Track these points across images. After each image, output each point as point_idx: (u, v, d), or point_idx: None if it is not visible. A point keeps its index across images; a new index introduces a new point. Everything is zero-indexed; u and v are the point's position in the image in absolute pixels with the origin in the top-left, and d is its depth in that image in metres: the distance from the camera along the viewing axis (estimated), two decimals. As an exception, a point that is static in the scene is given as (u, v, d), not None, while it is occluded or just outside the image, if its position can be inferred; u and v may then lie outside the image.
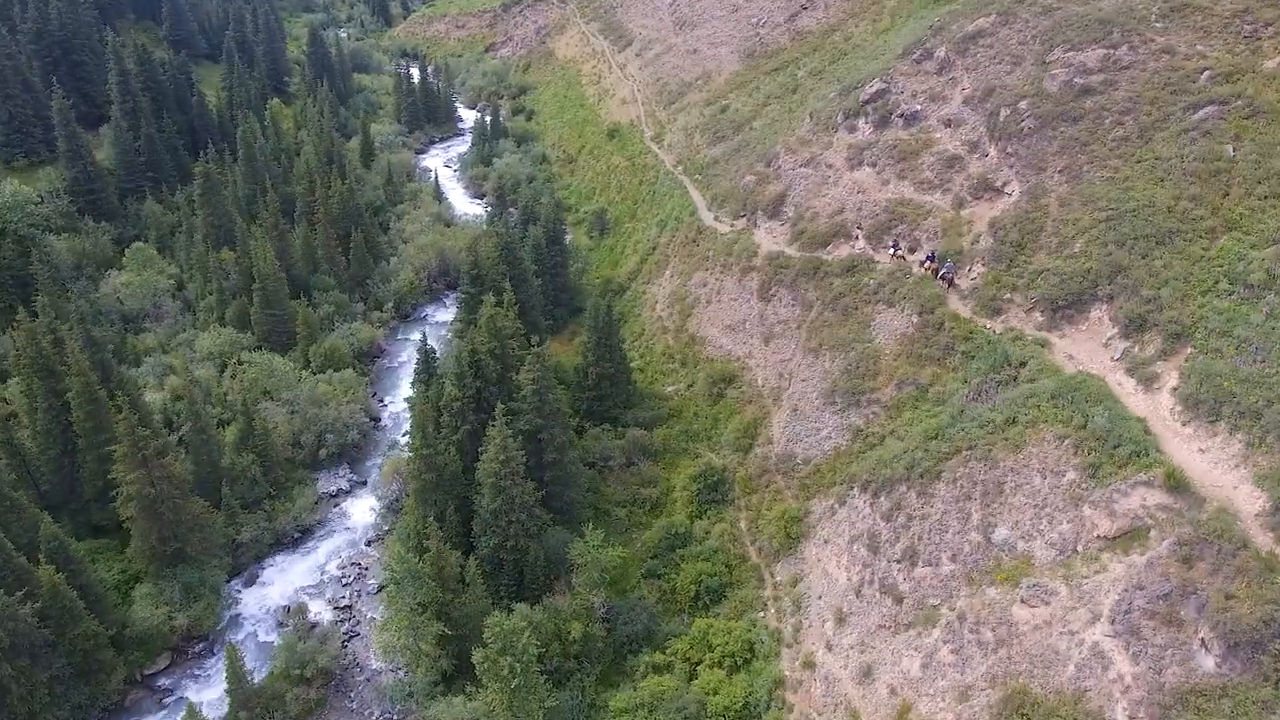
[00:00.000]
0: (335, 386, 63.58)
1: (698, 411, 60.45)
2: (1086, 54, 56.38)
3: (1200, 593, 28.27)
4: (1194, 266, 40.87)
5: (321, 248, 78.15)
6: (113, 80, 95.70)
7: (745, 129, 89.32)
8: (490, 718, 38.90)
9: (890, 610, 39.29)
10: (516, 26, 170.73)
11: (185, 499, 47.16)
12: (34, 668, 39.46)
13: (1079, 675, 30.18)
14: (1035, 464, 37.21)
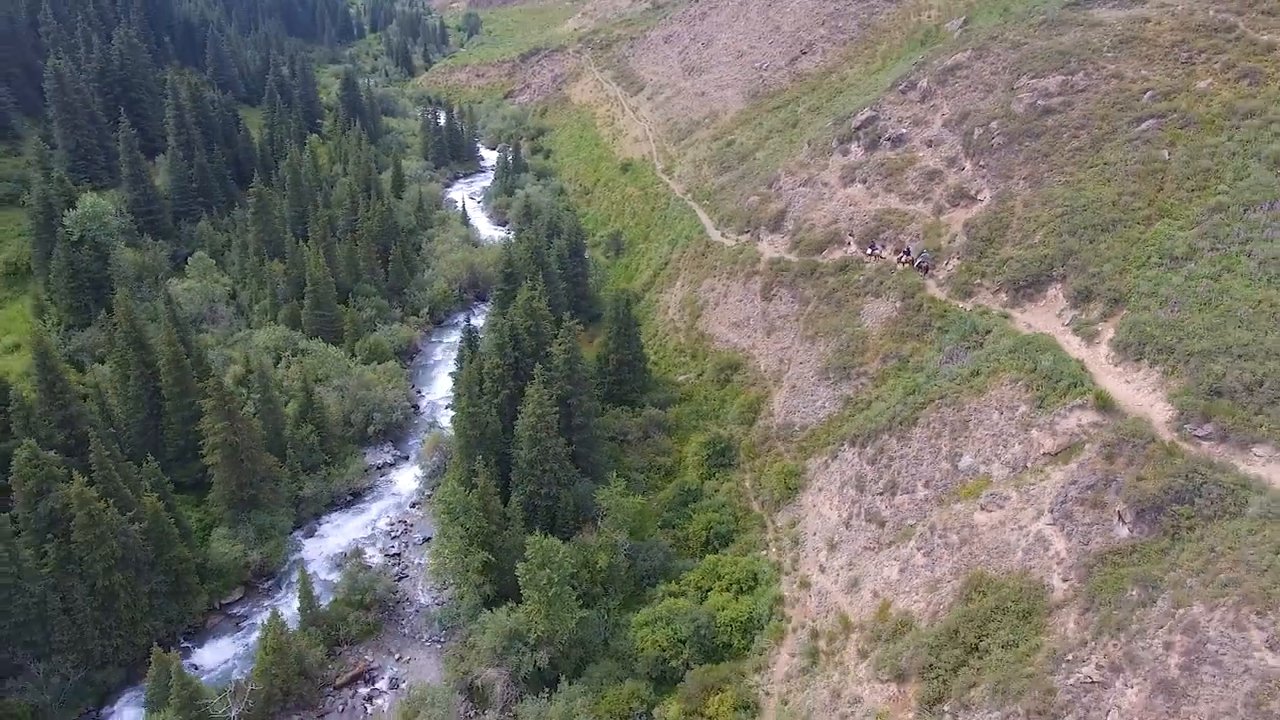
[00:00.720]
0: (380, 375, 70.74)
1: (707, 395, 67.43)
2: (1048, 80, 64.45)
3: (1119, 479, 34.93)
4: (1131, 247, 48.10)
5: (363, 259, 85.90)
6: (169, 115, 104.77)
7: (749, 159, 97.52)
8: (530, 625, 45.20)
9: (874, 534, 45.79)
10: (534, 75, 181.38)
11: (260, 452, 54.07)
12: (138, 580, 45.98)
13: (1025, 558, 36.64)
14: (994, 403, 44.08)
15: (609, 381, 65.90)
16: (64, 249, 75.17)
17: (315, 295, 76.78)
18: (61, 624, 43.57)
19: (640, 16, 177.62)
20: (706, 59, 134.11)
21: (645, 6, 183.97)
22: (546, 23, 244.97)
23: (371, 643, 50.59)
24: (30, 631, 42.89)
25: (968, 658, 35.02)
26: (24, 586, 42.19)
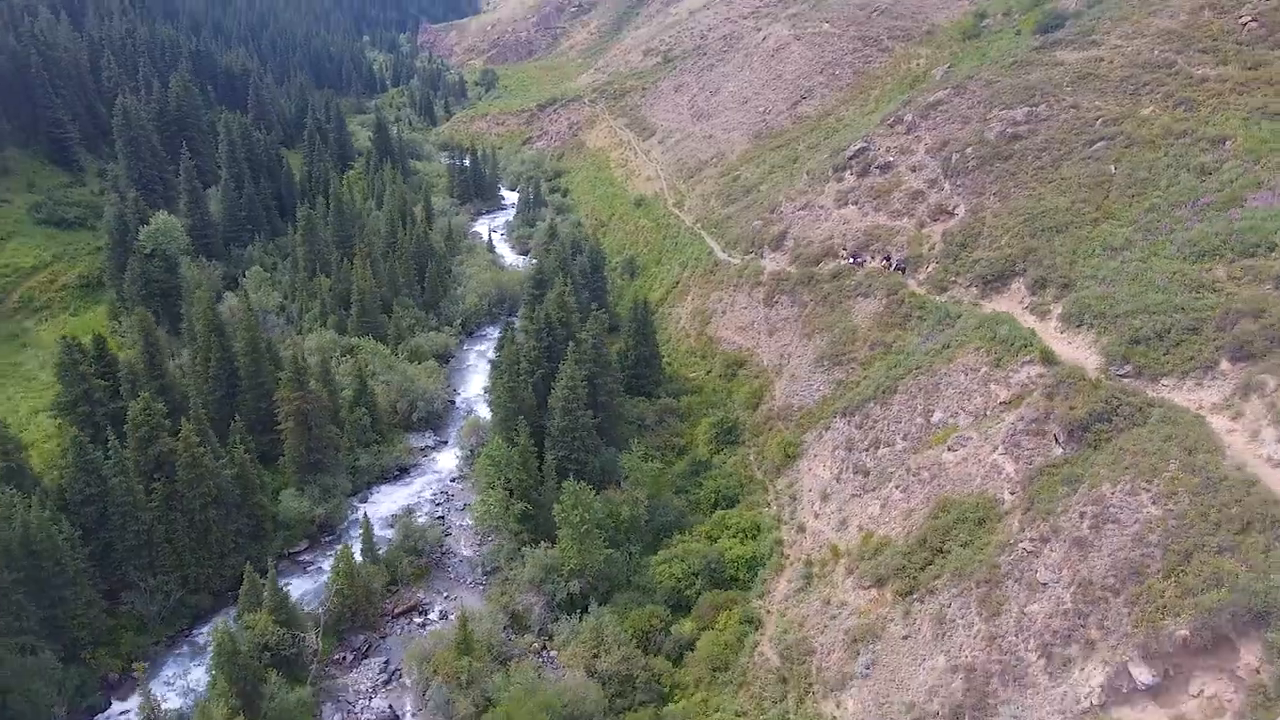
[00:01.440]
0: (421, 371, 78.81)
1: (715, 387, 75.26)
2: (1016, 111, 73.35)
3: (1055, 411, 42.60)
4: (1080, 244, 56.22)
5: (402, 275, 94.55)
6: (222, 150, 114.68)
7: (754, 191, 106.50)
8: (564, 559, 52.53)
9: (860, 483, 53.26)
10: (551, 123, 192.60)
11: (326, 421, 61.93)
12: (227, 518, 53.60)
13: (982, 482, 44.14)
14: (961, 368, 51.93)
15: (628, 374, 73.62)
16: (138, 261, 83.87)
17: (361, 304, 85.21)
18: (164, 551, 51.08)
19: (651, 70, 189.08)
20: (714, 105, 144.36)
21: (656, 61, 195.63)
22: (560, 78, 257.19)
23: (423, 584, 57.90)
24: (140, 555, 50.37)
25: (933, 558, 42.37)
26: (137, 516, 49.80)
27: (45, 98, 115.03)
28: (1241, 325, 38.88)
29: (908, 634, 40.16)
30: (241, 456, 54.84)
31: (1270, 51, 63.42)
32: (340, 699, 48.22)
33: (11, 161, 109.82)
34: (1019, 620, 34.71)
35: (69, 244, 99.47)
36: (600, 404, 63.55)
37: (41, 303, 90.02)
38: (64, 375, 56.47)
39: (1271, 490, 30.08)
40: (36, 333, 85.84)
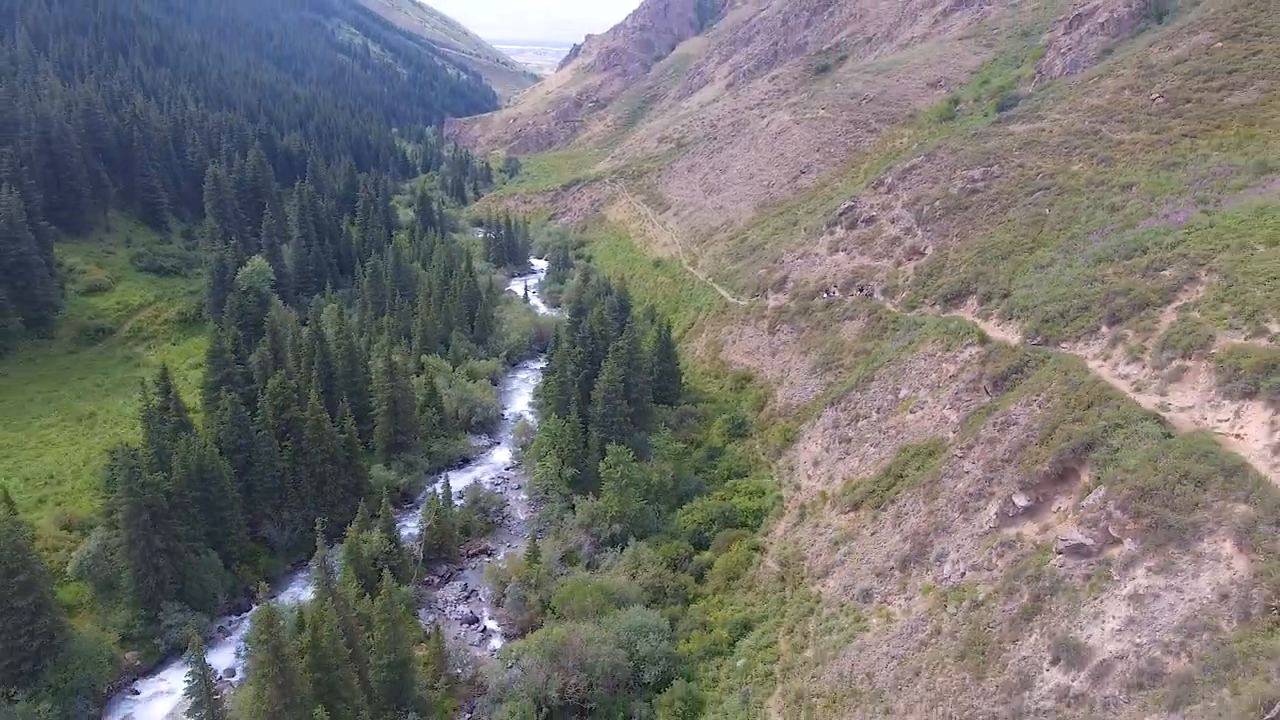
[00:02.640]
0: (477, 386, 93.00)
1: (726, 397, 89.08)
2: (974, 171, 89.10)
3: (986, 371, 56.46)
4: (1018, 266, 70.78)
5: (455, 314, 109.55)
6: (294, 214, 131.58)
7: (759, 249, 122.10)
8: (607, 507, 65.71)
9: (844, 449, 66.69)
10: (574, 201, 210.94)
11: (410, 408, 75.89)
12: (338, 475, 67.14)
13: (934, 430, 57.69)
14: (921, 355, 65.98)
15: (653, 386, 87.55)
16: (236, 296, 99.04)
17: (423, 334, 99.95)
18: (292, 495, 64.57)
19: (666, 154, 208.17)
20: (723, 181, 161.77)
21: (670, 147, 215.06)
22: (578, 166, 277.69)
23: (488, 537, 70.90)
24: (274, 496, 63.85)
25: (895, 482, 55.71)
26: (273, 464, 63.47)
27: (142, 168, 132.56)
28: (1115, 300, 53.03)
29: (874, 531, 53.26)
30: (350, 427, 68.72)
31: (1172, 120, 79.08)
32: (432, 605, 61.01)
33: (114, 221, 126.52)
34: (949, 497, 47.99)
35: (167, 288, 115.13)
36: (633, 399, 77.48)
37: (149, 333, 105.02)
38: (213, 363, 70.89)
39: (1114, 387, 43.74)
40: (145, 356, 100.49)
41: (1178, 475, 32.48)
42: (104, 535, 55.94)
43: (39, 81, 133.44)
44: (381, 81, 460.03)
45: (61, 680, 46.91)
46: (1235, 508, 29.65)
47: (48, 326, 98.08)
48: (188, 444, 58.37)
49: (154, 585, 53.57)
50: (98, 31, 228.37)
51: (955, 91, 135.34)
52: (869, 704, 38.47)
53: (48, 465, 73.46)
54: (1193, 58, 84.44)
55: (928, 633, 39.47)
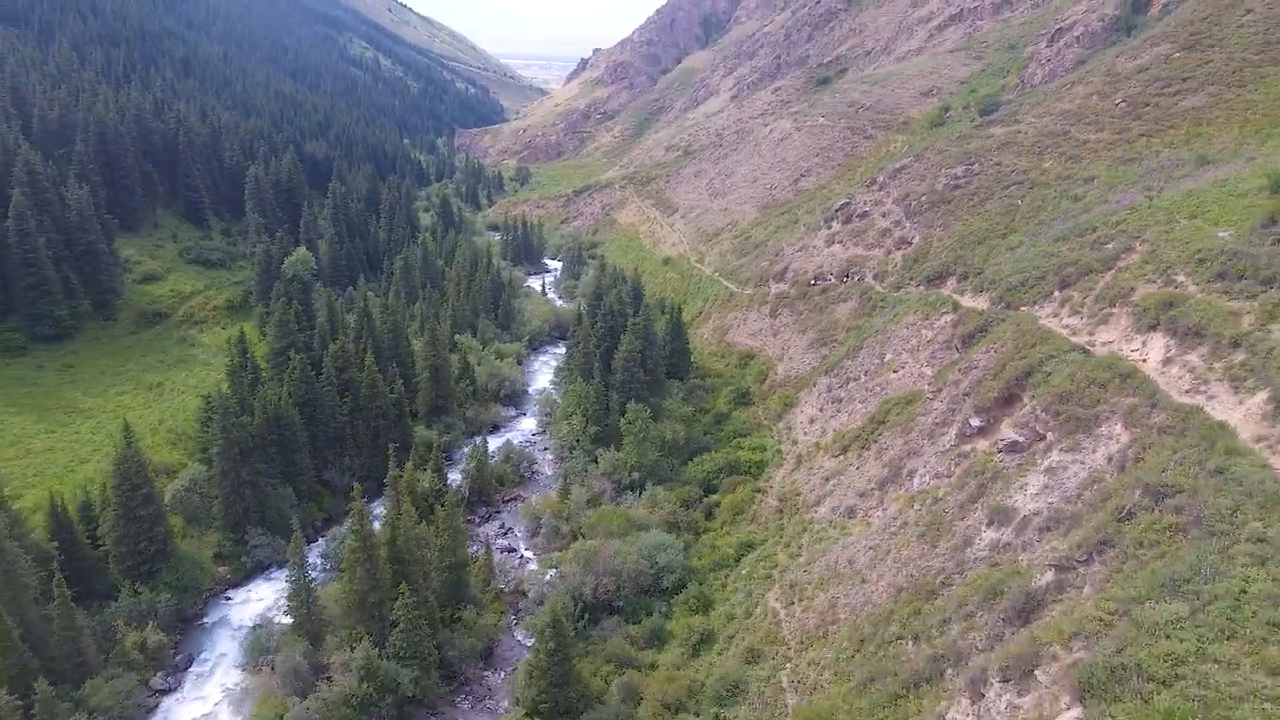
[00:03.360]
0: (504, 363, 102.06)
1: (732, 373, 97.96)
2: (957, 169, 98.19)
3: (957, 332, 65.35)
4: (992, 250, 79.74)
5: (480, 303, 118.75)
6: (327, 213, 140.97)
7: (762, 245, 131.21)
8: (627, 459, 74.51)
9: (835, 408, 75.49)
10: (585, 205, 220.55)
11: (449, 374, 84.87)
12: (389, 431, 76.07)
13: (913, 384, 66.52)
14: (905, 326, 74.88)
15: (665, 361, 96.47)
16: (282, 284, 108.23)
17: (453, 318, 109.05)
18: (350, 444, 73.54)
19: (673, 161, 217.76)
20: (728, 186, 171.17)
21: (677, 154, 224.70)
22: (587, 175, 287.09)
23: (520, 487, 79.75)
24: (334, 446, 72.87)
25: (879, 428, 64.49)
26: (335, 417, 72.46)
27: (186, 169, 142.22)
28: (1065, 269, 61.90)
29: (859, 465, 62.08)
30: (398, 388, 77.73)
31: (1132, 122, 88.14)
32: (475, 539, 69.84)
33: (161, 218, 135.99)
34: (920, 430, 56.82)
35: (213, 279, 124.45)
36: (648, 369, 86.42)
37: (200, 318, 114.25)
38: (279, 331, 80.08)
39: (1055, 333, 52.53)
40: (199, 338, 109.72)
41: (1088, 383, 41.36)
42: (194, 472, 64.97)
43: (95, 88, 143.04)
44: (393, 94, 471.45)
45: (174, 579, 55.87)
46: (1125, 400, 38.49)
47: (111, 310, 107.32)
48: (266, 395, 67.44)
49: (240, 512, 62.53)
50: (129, 44, 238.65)
51: (946, 100, 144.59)
52: (849, 581, 47.23)
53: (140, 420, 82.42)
54: (1153, 66, 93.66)
55: (898, 525, 48.28)
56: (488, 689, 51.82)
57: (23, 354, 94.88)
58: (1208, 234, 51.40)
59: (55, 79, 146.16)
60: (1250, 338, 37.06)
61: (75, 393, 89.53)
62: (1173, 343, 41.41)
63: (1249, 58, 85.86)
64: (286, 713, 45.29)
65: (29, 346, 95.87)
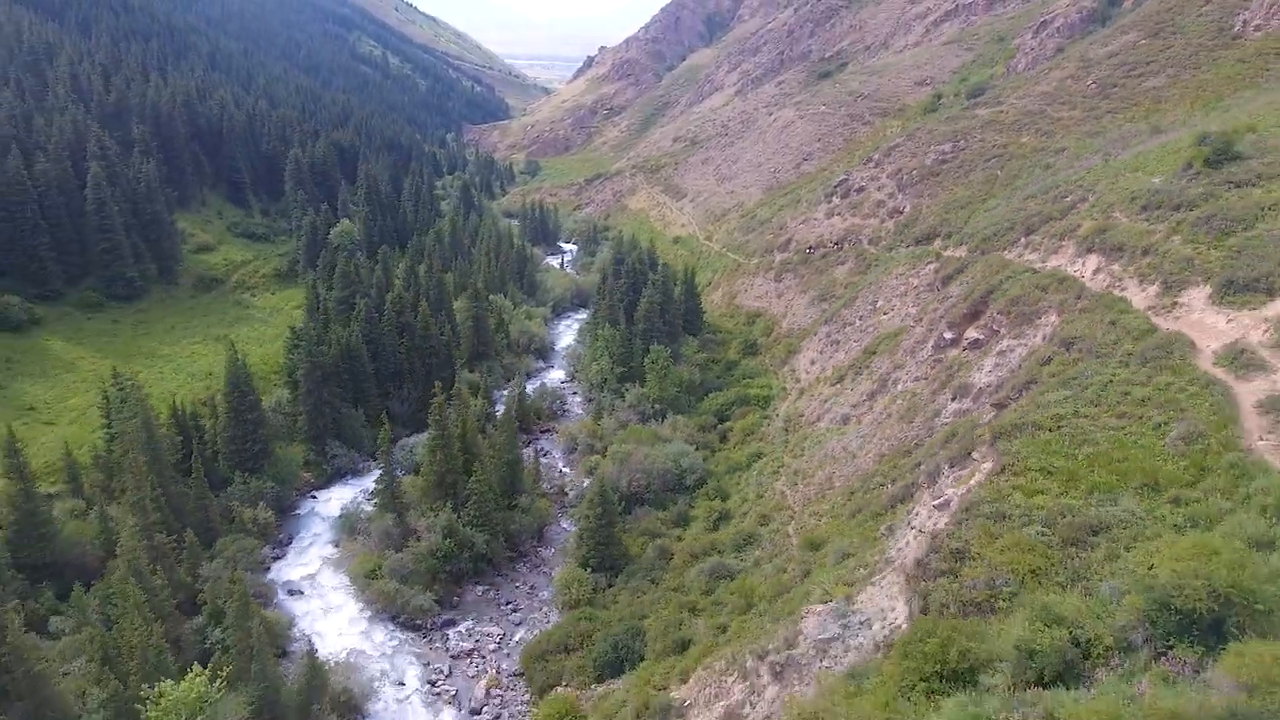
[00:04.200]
0: (533, 322, 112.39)
1: (741, 330, 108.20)
2: (945, 146, 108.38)
3: (939, 275, 75.50)
4: (973, 213, 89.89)
5: (508, 272, 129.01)
6: (361, 193, 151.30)
7: (767, 222, 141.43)
8: (650, 393, 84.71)
9: (833, 349, 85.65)
10: (597, 193, 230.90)
11: (489, 325, 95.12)
12: (440, 367, 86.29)
13: (900, 322, 76.65)
14: (894, 277, 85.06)
15: (680, 318, 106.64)
16: (328, 253, 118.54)
17: (485, 283, 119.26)
18: (407, 379, 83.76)
19: (681, 150, 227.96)
20: (734, 171, 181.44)
21: (684, 144, 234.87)
22: (596, 168, 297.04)
23: (554, 420, 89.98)
24: (394, 380, 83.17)
25: (870, 357, 74.67)
26: (395, 354, 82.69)
27: (229, 152, 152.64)
28: (1031, 220, 72.02)
29: (853, 386, 72.29)
30: (446, 332, 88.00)
31: (1100, 101, 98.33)
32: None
33: (207, 197, 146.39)
34: (904, 350, 67.05)
35: (260, 251, 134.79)
36: (666, 321, 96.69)
37: (251, 284, 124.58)
38: (343, 281, 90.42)
39: (1016, 263, 62.61)
40: (252, 301, 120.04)
41: (1034, 289, 51.57)
42: (279, 396, 75.24)
43: (145, 75, 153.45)
44: (402, 91, 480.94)
45: (274, 473, 66.18)
46: (1059, 297, 48.66)
47: (173, 275, 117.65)
48: (337, 332, 77.74)
49: (321, 427, 72.83)
50: (160, 39, 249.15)
51: (939, 88, 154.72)
52: (842, 461, 57.47)
53: (203, 367, 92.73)
54: (1122, 52, 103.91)
55: (883, 417, 58.51)
56: (541, 559, 62.20)
57: (100, 310, 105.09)
58: (1143, 181, 61.52)
59: (106, 67, 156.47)
60: (1156, 248, 47.22)
61: (152, 343, 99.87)
62: (1102, 259, 51.58)
63: (1204, 43, 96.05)
64: (383, 564, 55.55)
65: (105, 304, 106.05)
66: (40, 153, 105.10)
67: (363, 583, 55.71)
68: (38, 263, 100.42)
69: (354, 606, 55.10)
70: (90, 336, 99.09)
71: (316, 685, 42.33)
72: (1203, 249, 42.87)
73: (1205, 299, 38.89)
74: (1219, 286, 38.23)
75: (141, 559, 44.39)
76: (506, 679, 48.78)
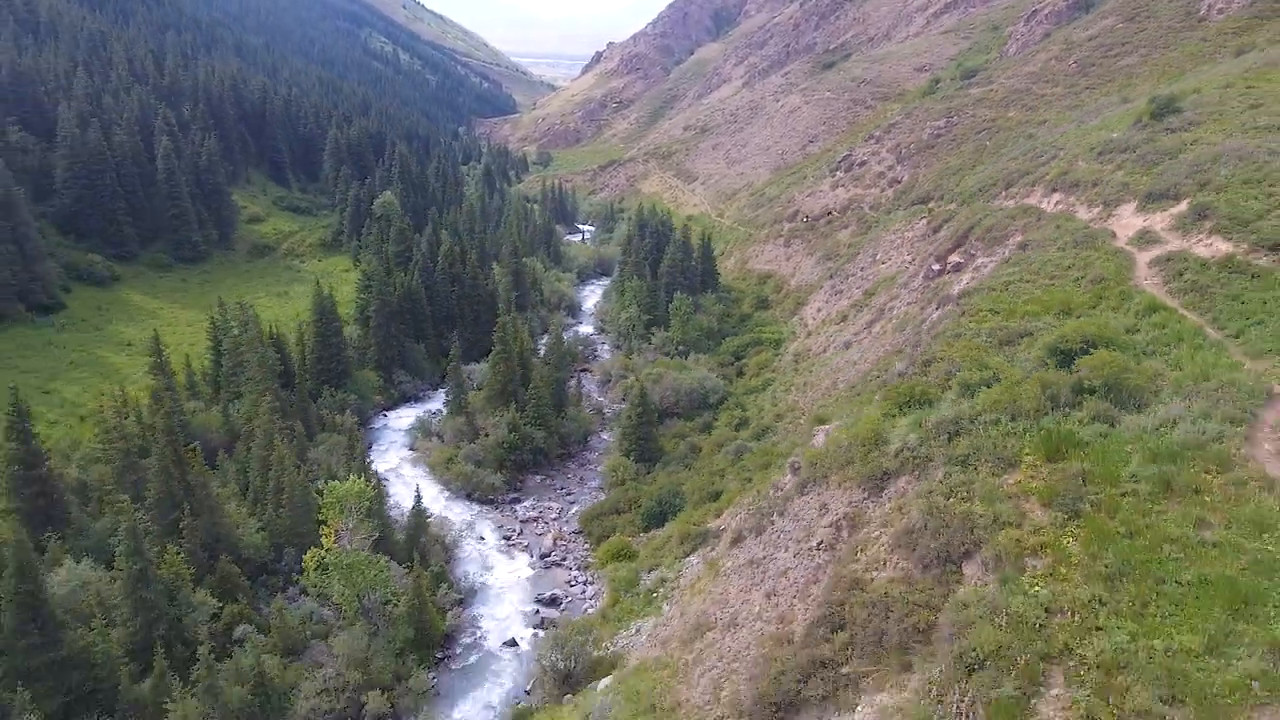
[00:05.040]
0: (563, 282, 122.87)
1: (753, 289, 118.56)
2: (939, 122, 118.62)
3: (929, 227, 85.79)
4: (963, 178, 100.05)
5: (537, 239, 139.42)
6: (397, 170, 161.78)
7: (775, 198, 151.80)
8: (674, 335, 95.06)
9: (837, 300, 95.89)
10: (611, 178, 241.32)
11: (525, 281, 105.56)
12: (487, 315, 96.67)
13: (896, 271, 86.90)
14: (891, 232, 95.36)
15: (698, 277, 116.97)
16: (373, 222, 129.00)
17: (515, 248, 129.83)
18: (459, 322, 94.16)
19: (692, 138, 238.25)
20: (744, 154, 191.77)
21: (694, 132, 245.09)
22: (606, 158, 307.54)
23: (586, 362, 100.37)
24: (449, 322, 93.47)
25: (870, 298, 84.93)
26: (447, 300, 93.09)
27: (271, 133, 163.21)
28: (1010, 176, 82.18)
29: (854, 320, 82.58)
30: (491, 283, 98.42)
31: (1080, 79, 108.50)
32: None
33: (252, 175, 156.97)
34: (899, 285, 77.30)
35: (304, 223, 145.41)
36: (687, 275, 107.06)
37: (299, 252, 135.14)
38: (398, 238, 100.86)
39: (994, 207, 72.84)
40: (302, 267, 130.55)
41: (1006, 219, 61.86)
42: (349, 332, 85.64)
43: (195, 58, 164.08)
44: (413, 86, 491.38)
45: (355, 389, 76.66)
46: (1024, 221, 58.94)
47: (230, 241, 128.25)
48: (401, 276, 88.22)
49: (389, 357, 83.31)
50: (189, 31, 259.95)
51: (937, 73, 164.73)
52: (845, 370, 67.79)
53: (271, 316, 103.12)
54: (1101, 35, 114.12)
55: (880, 335, 68.84)
56: (587, 459, 72.77)
57: (169, 270, 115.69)
58: (1104, 136, 71.84)
59: (156, 54, 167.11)
60: (1103, 180, 57.53)
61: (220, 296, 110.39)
62: (1062, 194, 61.85)
63: (1174, 25, 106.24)
64: (458, 454, 66.03)
65: (173, 265, 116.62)
66: (116, 127, 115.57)
67: (441, 470, 66.24)
68: (115, 226, 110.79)
69: (434, 488, 65.45)
70: (164, 291, 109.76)
71: (420, 526, 52.77)
72: (1136, 176, 53.19)
73: (1133, 210, 49.19)
74: (1142, 199, 48.55)
75: (274, 429, 54.84)
76: (569, 535, 59.26)
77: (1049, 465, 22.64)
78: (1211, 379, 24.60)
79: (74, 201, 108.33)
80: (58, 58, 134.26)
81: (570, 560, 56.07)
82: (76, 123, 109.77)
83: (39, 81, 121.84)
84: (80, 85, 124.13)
